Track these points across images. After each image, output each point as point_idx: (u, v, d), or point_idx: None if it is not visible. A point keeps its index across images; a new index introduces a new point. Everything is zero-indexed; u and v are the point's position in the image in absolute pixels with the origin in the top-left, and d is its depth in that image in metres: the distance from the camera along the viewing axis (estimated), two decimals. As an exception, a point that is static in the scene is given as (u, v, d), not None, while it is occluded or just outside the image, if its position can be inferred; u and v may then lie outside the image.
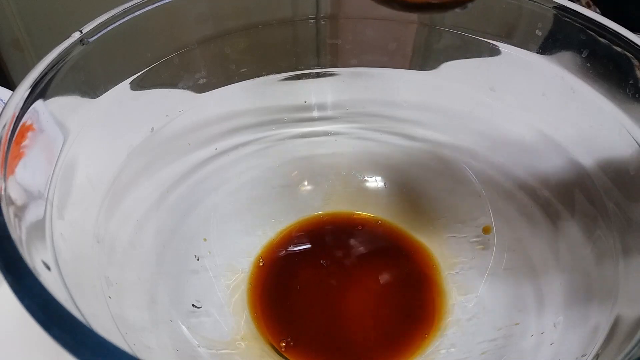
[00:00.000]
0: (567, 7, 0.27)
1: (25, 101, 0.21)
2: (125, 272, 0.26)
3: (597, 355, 0.21)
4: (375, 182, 0.37)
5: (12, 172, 0.20)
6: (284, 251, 0.34)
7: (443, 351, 0.29)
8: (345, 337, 0.30)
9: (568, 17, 0.27)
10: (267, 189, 0.36)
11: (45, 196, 0.21)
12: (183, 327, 0.28)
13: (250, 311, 0.31)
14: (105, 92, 0.27)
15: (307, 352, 0.29)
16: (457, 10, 0.27)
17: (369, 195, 0.36)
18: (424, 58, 0.34)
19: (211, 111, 0.33)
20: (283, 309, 0.31)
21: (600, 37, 0.26)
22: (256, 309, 0.31)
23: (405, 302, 0.31)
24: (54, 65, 0.23)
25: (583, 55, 0.27)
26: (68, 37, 0.25)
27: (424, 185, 0.35)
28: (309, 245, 0.34)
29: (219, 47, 0.32)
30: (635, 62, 0.25)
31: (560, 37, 0.28)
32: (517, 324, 0.28)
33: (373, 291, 0.32)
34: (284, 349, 0.29)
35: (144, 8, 0.27)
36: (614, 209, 0.26)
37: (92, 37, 0.25)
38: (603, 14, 0.27)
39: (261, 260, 0.33)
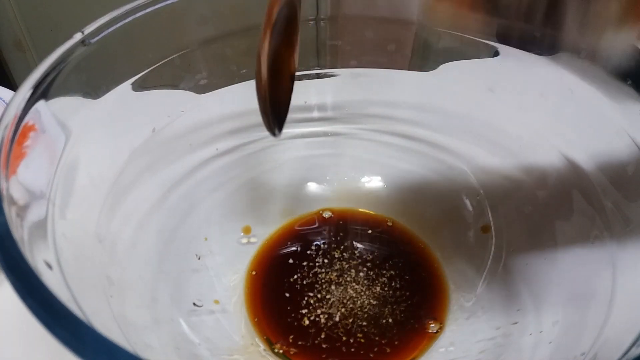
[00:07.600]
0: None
1: (27, 102, 0.22)
2: (127, 272, 0.27)
3: (595, 355, 0.21)
4: (374, 182, 0.37)
5: (14, 172, 0.20)
6: (284, 251, 0.34)
7: (442, 350, 0.29)
8: (343, 336, 0.30)
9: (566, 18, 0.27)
10: (267, 189, 0.36)
11: (47, 196, 0.22)
12: (184, 325, 0.28)
13: (250, 311, 0.31)
14: (107, 93, 0.27)
15: (306, 351, 0.29)
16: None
17: (369, 196, 0.36)
18: (423, 59, 0.34)
19: (212, 112, 0.33)
20: (283, 308, 0.31)
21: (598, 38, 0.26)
22: (256, 309, 0.31)
23: (404, 301, 0.31)
24: (56, 66, 0.23)
25: (581, 57, 0.27)
26: (70, 38, 0.25)
27: (423, 185, 0.35)
28: (308, 245, 0.35)
29: (220, 48, 0.32)
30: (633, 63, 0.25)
31: (559, 38, 0.28)
32: (515, 323, 0.28)
33: (372, 290, 0.32)
34: (284, 348, 0.29)
35: (145, 9, 0.27)
36: (612, 208, 0.26)
37: (94, 38, 0.26)
38: None
39: (261, 260, 0.33)
